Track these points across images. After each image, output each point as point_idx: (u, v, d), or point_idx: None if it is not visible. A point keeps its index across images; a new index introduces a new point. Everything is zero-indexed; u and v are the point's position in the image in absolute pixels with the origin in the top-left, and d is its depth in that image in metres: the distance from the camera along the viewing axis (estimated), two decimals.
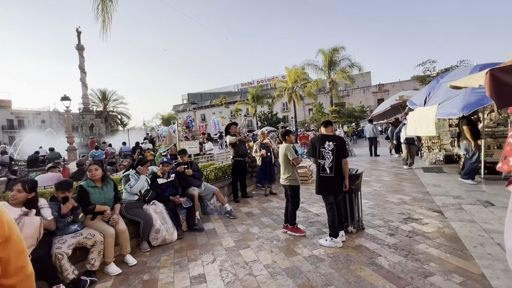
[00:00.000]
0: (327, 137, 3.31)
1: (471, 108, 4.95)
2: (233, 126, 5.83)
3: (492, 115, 6.48)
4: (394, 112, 11.24)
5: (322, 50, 23.57)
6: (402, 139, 8.00)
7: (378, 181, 6.61)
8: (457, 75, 5.79)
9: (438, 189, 5.30)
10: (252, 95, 41.83)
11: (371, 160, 10.66)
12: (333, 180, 3.22)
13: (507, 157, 1.97)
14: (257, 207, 5.16)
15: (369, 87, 48.38)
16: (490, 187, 5.12)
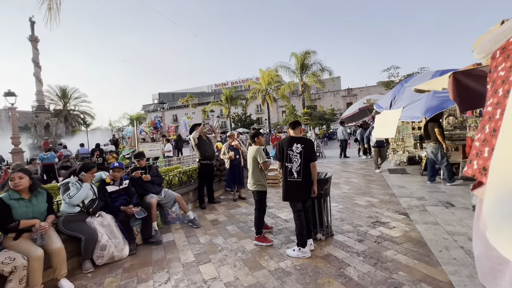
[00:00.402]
0: (295, 139, 3.11)
1: (432, 111, 5.12)
2: (198, 127, 5.44)
3: (450, 118, 6.87)
4: (362, 115, 11.60)
5: (295, 53, 23.94)
6: (373, 142, 8.01)
7: (347, 183, 6.64)
8: (420, 80, 6.00)
9: (403, 191, 5.41)
10: (226, 96, 41.34)
11: (341, 161, 10.85)
12: (301, 185, 3.01)
13: (472, 160, 1.89)
14: (224, 213, 4.83)
15: (339, 91, 50.37)
16: (449, 188, 5.33)
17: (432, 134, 5.50)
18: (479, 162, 1.81)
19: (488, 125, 1.89)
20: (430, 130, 5.62)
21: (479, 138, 1.91)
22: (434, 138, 5.53)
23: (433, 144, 5.57)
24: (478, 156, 1.84)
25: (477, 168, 1.81)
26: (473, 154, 1.90)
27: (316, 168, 3.07)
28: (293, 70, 24.86)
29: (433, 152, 5.60)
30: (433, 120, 5.47)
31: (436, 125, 5.41)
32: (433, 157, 5.71)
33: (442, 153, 5.45)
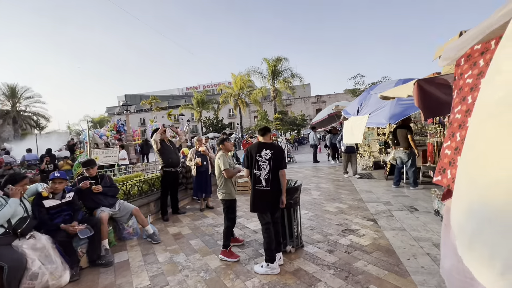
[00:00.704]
0: (264, 145, 2.91)
1: (396, 118, 5.29)
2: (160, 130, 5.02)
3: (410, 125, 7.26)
4: (331, 121, 11.91)
5: (267, 59, 24.15)
6: (343, 147, 7.91)
7: (317, 188, 6.62)
8: (384, 87, 6.23)
9: (370, 196, 5.49)
10: (197, 99, 40.45)
11: (311, 166, 10.97)
12: (270, 194, 2.81)
13: (445, 169, 1.84)
14: (189, 225, 4.45)
15: (309, 98, 52.09)
16: (412, 192, 5.54)
17: (404, 140, 5.65)
18: (453, 171, 1.75)
19: (458, 133, 1.84)
20: (401, 136, 5.75)
21: (449, 146, 1.87)
22: (405, 144, 5.68)
23: (404, 150, 5.71)
24: (451, 165, 1.78)
25: (451, 177, 1.75)
26: (445, 163, 1.85)
27: (285, 176, 2.89)
28: (265, 75, 25.05)
29: (404, 158, 5.74)
30: (404, 126, 5.66)
31: (408, 132, 5.57)
32: (402, 163, 5.87)
33: (413, 159, 5.63)
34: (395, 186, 5.97)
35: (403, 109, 5.21)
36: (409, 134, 5.56)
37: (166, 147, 4.89)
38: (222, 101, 36.34)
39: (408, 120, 5.71)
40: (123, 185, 4.58)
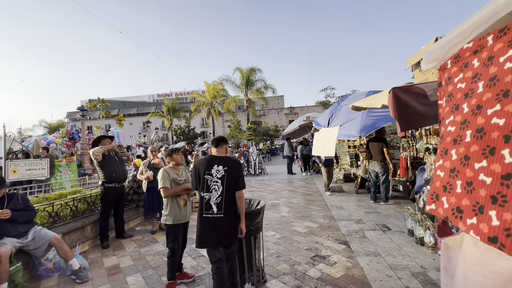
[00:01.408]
0: (215, 159, 2.34)
1: (367, 130, 5.07)
2: (105, 140, 4.24)
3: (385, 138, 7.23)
4: (302, 132, 11.74)
5: (240, 68, 23.95)
6: (322, 160, 7.11)
7: (287, 203, 6.17)
8: (354, 99, 6.07)
9: (342, 212, 5.15)
10: (167, 107, 38.88)
11: (283, 179, 10.58)
12: (223, 222, 2.22)
13: (439, 196, 1.45)
14: (132, 254, 3.68)
15: (282, 109, 52.98)
16: (383, 207, 5.30)
17: (378, 153, 5.41)
18: (451, 199, 1.34)
19: (454, 150, 1.44)
20: (376, 149, 5.52)
21: (442, 166, 1.47)
22: (380, 157, 5.43)
23: (380, 164, 5.46)
24: (447, 191, 1.37)
25: (448, 207, 1.34)
26: (439, 187, 1.44)
27: (243, 198, 2.33)
28: (238, 85, 24.76)
29: (380, 172, 5.46)
30: (378, 139, 5.44)
31: (384, 145, 5.34)
32: (376, 176, 5.61)
33: (388, 173, 5.40)
34: (373, 201, 5.68)
35: (374, 121, 5.01)
36: (385, 147, 5.36)
37: (109, 159, 4.11)
38: (194, 110, 35.33)
39: (383, 133, 5.54)
40: (49, 205, 3.69)
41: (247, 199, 3.16)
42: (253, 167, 11.79)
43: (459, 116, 1.50)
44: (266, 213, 5.43)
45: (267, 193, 7.59)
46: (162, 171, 2.73)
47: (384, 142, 5.44)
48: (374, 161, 5.54)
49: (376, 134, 5.43)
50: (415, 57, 3.39)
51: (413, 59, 3.43)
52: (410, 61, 3.51)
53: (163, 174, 2.69)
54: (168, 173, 2.75)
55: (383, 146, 5.34)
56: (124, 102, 67.25)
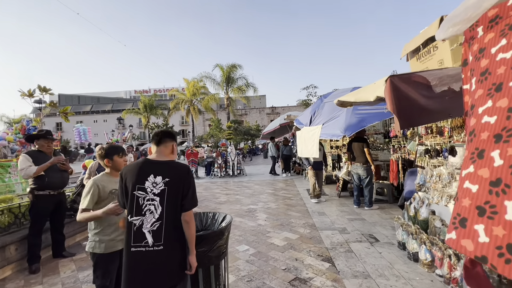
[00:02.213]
0: (152, 166, 1.62)
1: (352, 130, 4.62)
2: (43, 142, 3.40)
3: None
4: (283, 131, 11.27)
5: (220, 65, 23.14)
6: (308, 163, 6.16)
7: (265, 209, 5.60)
8: (339, 95, 5.62)
9: (324, 220, 4.66)
10: (144, 103, 37.03)
11: (262, 180, 10.02)
12: (162, 258, 1.52)
13: (468, 221, 0.90)
14: (66, 281, 2.90)
15: (264, 109, 52.75)
16: (368, 213, 4.89)
17: (361, 154, 4.97)
18: (495, 230, 0.80)
19: (498, 151, 0.92)
20: (357, 150, 5.09)
21: (474, 176, 0.91)
22: (363, 159, 4.99)
23: (363, 166, 5.02)
24: (485, 215, 0.84)
25: (489, 243, 0.81)
26: (468, 208, 0.89)
27: (193, 223, 1.63)
28: (219, 82, 23.94)
29: (363, 174, 5.03)
30: (359, 139, 5.00)
31: (365, 145, 4.91)
32: (360, 179, 5.16)
33: (371, 176, 4.96)
34: (357, 206, 5.24)
35: (360, 119, 4.58)
36: (365, 147, 4.95)
37: (41, 159, 3.28)
38: (173, 107, 33.96)
39: (362, 132, 5.13)
40: None
41: (212, 213, 2.54)
42: (232, 168, 11.14)
43: (504, 100, 0.98)
44: (241, 221, 4.82)
45: (244, 197, 6.98)
46: (94, 183, 2.00)
47: (364, 142, 5.02)
48: (357, 162, 5.11)
49: (356, 134, 5.01)
50: (412, 43, 2.95)
51: (410, 46, 2.98)
52: (406, 48, 3.06)
53: (90, 188, 1.95)
54: (102, 185, 2.01)
55: (363, 146, 4.93)
56: (98, 98, 63.66)
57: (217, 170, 11.20)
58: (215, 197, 7.17)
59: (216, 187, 8.90)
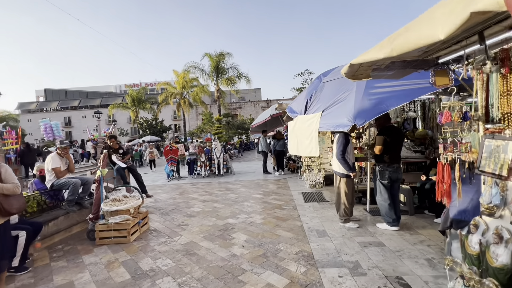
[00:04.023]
0: None
1: (365, 116, 3.19)
2: None
3: (371, 131, 5.46)
4: (275, 123, 9.84)
5: (209, 54, 21.44)
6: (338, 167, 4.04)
7: (246, 226, 4.21)
8: None
9: (326, 245, 3.29)
10: (132, 97, 35.21)
11: (250, 180, 8.62)
12: None
13: None
14: None
15: (258, 102, 51.27)
16: (385, 234, 3.53)
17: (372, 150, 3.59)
18: None
19: None
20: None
21: None
22: (378, 157, 3.60)
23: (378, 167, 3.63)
24: None
25: None
26: None
27: None
28: (208, 72, 22.26)
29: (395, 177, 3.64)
30: (382, 131, 3.56)
31: (381, 138, 3.48)
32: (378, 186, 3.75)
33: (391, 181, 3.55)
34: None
35: (376, 102, 3.15)
36: (377, 138, 3.56)
37: None
38: (161, 101, 32.24)
39: (384, 120, 3.64)
40: None
41: None
42: (217, 166, 9.71)
43: None
44: (208, 249, 3.42)
45: (225, 205, 5.58)
46: None
47: (385, 134, 3.60)
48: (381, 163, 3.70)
49: (376, 122, 3.60)
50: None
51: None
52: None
53: None
54: None
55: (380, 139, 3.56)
56: (87, 93, 61.26)
57: (200, 169, 9.77)
58: (189, 205, 5.77)
59: (195, 190, 7.49)
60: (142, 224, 4.23)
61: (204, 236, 3.87)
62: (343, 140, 3.72)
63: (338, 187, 3.98)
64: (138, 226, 4.06)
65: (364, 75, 2.53)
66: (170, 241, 3.75)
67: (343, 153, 3.71)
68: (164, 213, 5.23)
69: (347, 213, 3.93)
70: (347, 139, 3.75)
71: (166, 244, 3.66)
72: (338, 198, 3.99)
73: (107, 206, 3.86)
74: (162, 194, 7.13)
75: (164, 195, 6.97)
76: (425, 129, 4.88)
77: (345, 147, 3.71)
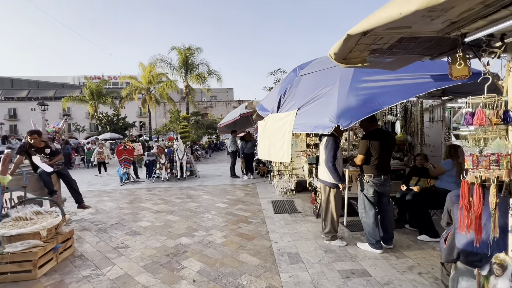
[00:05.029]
0: None
1: (352, 117, 2.58)
2: None
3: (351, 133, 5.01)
4: (245, 123, 9.11)
5: (177, 47, 20.03)
6: (327, 176, 3.40)
7: (202, 248, 3.39)
8: (322, 65, 3.59)
9: (299, 276, 2.62)
10: (90, 90, 32.03)
11: (216, 186, 7.76)
12: None
13: None
14: None
15: (230, 102, 50.52)
16: (368, 257, 2.98)
17: None
18: None
19: None
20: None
21: None
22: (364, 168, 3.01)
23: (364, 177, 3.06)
24: None
25: None
26: None
27: None
28: (176, 67, 20.80)
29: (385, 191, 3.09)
30: (371, 135, 2.97)
31: (363, 142, 2.89)
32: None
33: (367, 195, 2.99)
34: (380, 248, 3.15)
35: (366, 98, 2.56)
36: (360, 149, 2.98)
37: None
38: (125, 95, 29.78)
39: (371, 123, 3.09)
40: None
41: None
42: (179, 169, 8.67)
43: None
44: (146, 287, 2.54)
45: (180, 218, 4.68)
46: None
47: (370, 138, 3.04)
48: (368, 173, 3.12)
49: (360, 124, 3.03)
50: None
51: None
52: None
53: None
54: None
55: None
56: (37, 82, 54.74)
57: (159, 171, 8.65)
58: (136, 218, 4.76)
59: (149, 197, 6.43)
60: (63, 249, 3.18)
61: (145, 265, 2.97)
62: (333, 144, 3.09)
63: (326, 199, 3.35)
64: (54, 253, 3.02)
65: (358, 60, 1.88)
66: (95, 275, 2.79)
67: (334, 160, 3.09)
68: (102, 230, 4.18)
69: (335, 229, 3.33)
70: (337, 143, 3.14)
71: (88, 280, 2.70)
72: (326, 212, 3.36)
73: (4, 229, 2.77)
74: (108, 203, 5.97)
75: (110, 204, 5.82)
76: (405, 134, 4.52)
77: (335, 153, 3.10)
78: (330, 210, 3.33)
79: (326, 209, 3.39)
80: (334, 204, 3.31)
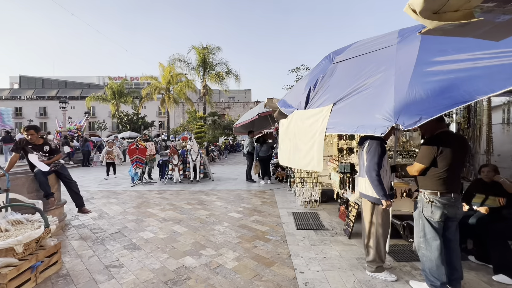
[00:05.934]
0: None
1: (423, 111, 1.81)
2: None
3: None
4: (264, 123, 8.43)
5: (196, 47, 19.80)
6: (370, 189, 2.63)
7: (207, 277, 2.73)
8: (366, 48, 2.82)
9: None
10: (112, 89, 32.90)
11: (230, 191, 7.13)
12: None
13: None
14: None
15: (248, 103, 50.29)
16: None
17: None
18: None
19: None
20: None
21: None
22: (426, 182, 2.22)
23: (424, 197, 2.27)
24: None
25: None
26: None
27: None
28: (194, 66, 20.59)
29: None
30: (438, 139, 2.20)
31: (425, 147, 2.12)
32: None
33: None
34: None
35: (445, 85, 1.77)
36: (420, 156, 2.21)
37: None
38: (145, 95, 30.17)
39: (432, 127, 2.29)
40: None
41: None
42: (192, 170, 8.15)
43: None
44: None
45: (187, 229, 4.08)
46: None
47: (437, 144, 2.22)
48: (426, 189, 2.31)
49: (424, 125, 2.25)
50: None
51: None
52: None
53: None
54: None
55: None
56: (66, 82, 57.63)
57: (171, 173, 8.18)
58: (140, 226, 4.22)
59: (158, 201, 5.92)
60: (45, 266, 2.67)
61: None
62: (377, 148, 2.36)
63: (370, 219, 2.59)
64: (32, 273, 2.49)
65: (459, 14, 1.15)
66: None
67: (379, 168, 2.35)
68: (99, 241, 3.66)
69: (381, 257, 2.56)
70: (384, 148, 2.39)
71: None
72: (369, 235, 2.61)
73: None
74: (114, 206, 5.52)
75: (115, 208, 5.36)
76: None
77: (380, 160, 2.36)
78: (375, 234, 2.57)
79: (369, 231, 2.62)
80: (382, 225, 2.55)
